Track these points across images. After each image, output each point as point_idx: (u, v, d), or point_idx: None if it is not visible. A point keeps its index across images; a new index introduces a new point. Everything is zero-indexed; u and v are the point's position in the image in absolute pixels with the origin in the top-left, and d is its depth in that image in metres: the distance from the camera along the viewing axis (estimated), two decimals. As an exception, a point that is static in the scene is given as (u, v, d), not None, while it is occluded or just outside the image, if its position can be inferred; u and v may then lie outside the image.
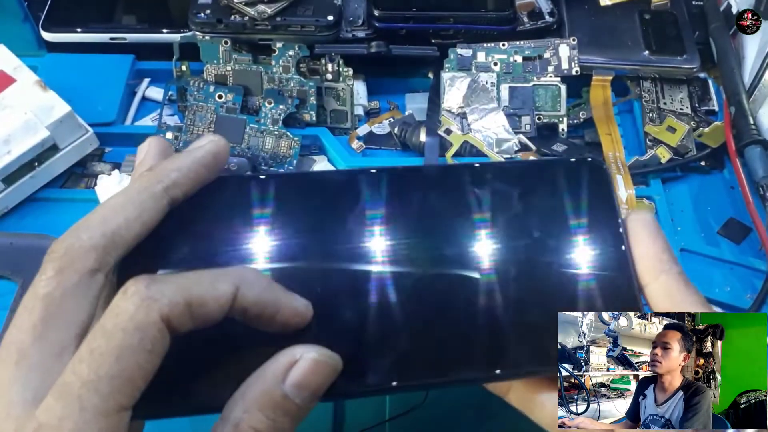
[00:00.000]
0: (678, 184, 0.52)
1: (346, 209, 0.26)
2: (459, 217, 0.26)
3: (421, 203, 0.26)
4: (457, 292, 0.25)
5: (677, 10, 0.57)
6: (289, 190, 0.26)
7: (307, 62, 0.52)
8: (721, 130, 0.51)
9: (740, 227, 0.49)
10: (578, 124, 0.54)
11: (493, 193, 0.26)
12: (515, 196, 0.27)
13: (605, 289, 0.25)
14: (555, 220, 0.26)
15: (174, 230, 0.24)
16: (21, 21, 0.54)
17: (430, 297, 0.25)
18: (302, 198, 0.26)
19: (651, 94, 0.54)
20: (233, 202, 0.25)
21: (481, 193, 0.26)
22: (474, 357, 0.24)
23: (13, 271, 0.43)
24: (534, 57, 0.54)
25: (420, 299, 0.24)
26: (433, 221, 0.26)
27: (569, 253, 0.25)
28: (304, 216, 0.25)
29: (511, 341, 0.24)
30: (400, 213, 0.26)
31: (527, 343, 0.24)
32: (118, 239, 0.22)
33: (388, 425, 0.41)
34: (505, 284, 0.25)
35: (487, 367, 0.24)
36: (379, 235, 0.25)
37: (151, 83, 0.55)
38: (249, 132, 0.50)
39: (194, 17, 0.51)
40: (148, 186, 0.24)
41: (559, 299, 0.25)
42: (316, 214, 0.26)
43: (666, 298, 0.24)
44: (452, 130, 0.50)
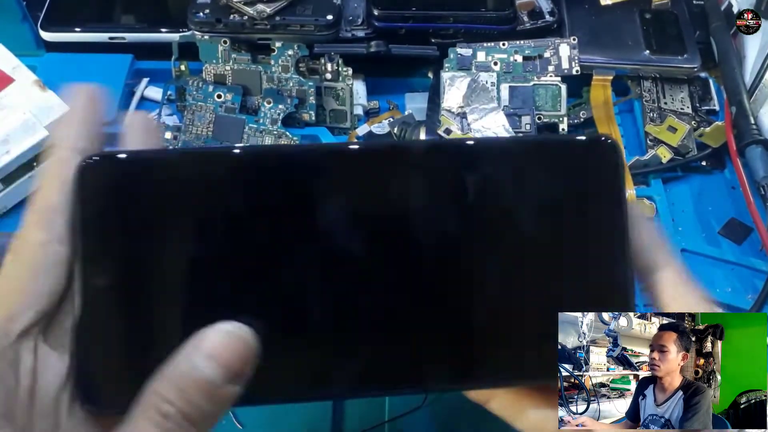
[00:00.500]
0: (679, 184, 0.51)
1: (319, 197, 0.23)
2: (447, 204, 0.23)
3: (406, 186, 0.23)
4: (442, 291, 0.23)
5: (678, 9, 0.57)
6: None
7: (307, 62, 0.52)
8: (722, 130, 0.51)
9: (741, 227, 0.49)
10: (578, 123, 0.53)
11: (483, 176, 0.24)
12: (509, 179, 0.24)
13: (602, 282, 0.24)
14: (556, 208, 0.24)
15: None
16: (20, 20, 0.53)
17: (411, 295, 0.23)
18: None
19: (651, 93, 0.54)
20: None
21: (468, 176, 0.23)
22: (456, 361, 0.23)
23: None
24: (534, 56, 0.54)
25: (401, 298, 0.23)
26: (417, 207, 0.23)
27: (567, 244, 0.24)
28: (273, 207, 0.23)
29: (498, 345, 0.23)
30: (384, 200, 0.23)
31: (518, 345, 0.23)
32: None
33: (387, 425, 0.41)
34: (493, 279, 0.23)
35: (468, 373, 0.23)
36: (364, 227, 0.23)
37: (150, 83, 0.55)
38: (248, 132, 0.50)
39: (193, 17, 0.51)
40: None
41: (558, 296, 0.23)
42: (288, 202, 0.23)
43: (671, 289, 0.24)
44: (452, 130, 0.50)
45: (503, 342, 0.23)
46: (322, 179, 0.23)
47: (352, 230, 0.23)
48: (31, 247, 0.22)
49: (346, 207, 0.23)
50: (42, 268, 0.22)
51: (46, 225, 0.22)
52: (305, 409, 0.42)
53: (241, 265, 0.23)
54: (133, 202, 0.22)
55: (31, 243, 0.22)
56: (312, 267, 0.23)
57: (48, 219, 0.22)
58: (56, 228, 0.22)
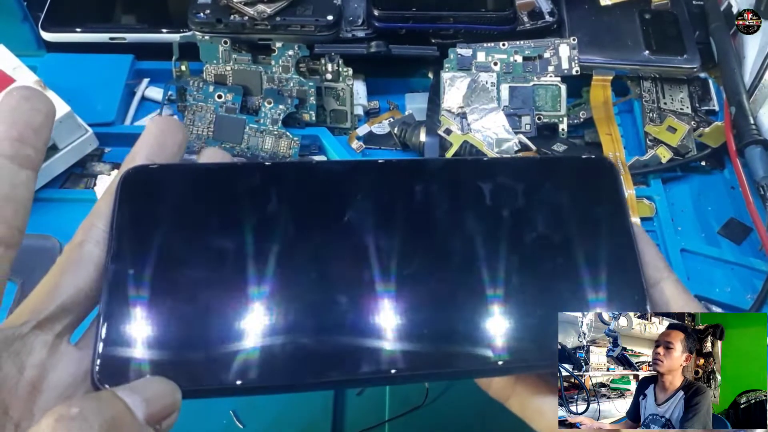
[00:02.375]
0: (678, 184, 0.51)
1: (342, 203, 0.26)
2: (461, 212, 0.26)
3: (424, 197, 0.26)
4: (459, 287, 0.25)
5: (677, 9, 0.57)
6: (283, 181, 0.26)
7: (307, 62, 0.52)
8: (722, 130, 0.51)
9: (741, 227, 0.49)
10: (578, 124, 0.54)
11: (498, 190, 0.27)
12: (519, 193, 0.27)
13: (613, 290, 0.25)
14: (562, 220, 0.26)
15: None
16: (20, 21, 0.53)
17: (429, 292, 0.25)
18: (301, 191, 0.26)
19: (651, 93, 0.54)
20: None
21: (485, 189, 0.27)
22: (471, 350, 0.24)
23: (13, 271, 0.43)
24: (534, 57, 0.54)
25: (418, 294, 0.24)
26: (435, 216, 0.26)
27: (577, 254, 0.26)
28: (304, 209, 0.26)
29: (511, 337, 0.24)
30: (403, 207, 0.26)
31: (527, 340, 0.24)
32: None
33: (387, 425, 0.41)
34: (506, 283, 0.25)
35: (483, 359, 0.24)
36: (381, 229, 0.25)
37: (150, 83, 0.55)
38: (248, 132, 0.50)
39: (194, 17, 0.51)
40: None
41: (566, 299, 0.25)
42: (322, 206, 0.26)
43: (669, 302, 0.25)
44: (452, 130, 0.50)
45: (518, 336, 0.24)
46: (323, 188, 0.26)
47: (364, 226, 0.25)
48: (68, 247, 0.24)
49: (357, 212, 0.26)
50: (72, 265, 0.23)
51: (85, 227, 0.24)
52: (305, 409, 0.42)
53: (250, 265, 0.24)
54: (163, 204, 0.25)
55: (70, 243, 0.24)
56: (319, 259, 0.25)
57: (89, 223, 0.24)
58: (94, 231, 0.24)
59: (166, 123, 0.27)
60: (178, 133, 0.27)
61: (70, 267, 0.23)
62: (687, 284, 0.45)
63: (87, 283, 0.23)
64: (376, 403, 0.42)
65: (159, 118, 0.27)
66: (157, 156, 0.26)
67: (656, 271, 0.26)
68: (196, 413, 0.39)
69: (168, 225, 0.25)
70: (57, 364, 0.22)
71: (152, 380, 0.21)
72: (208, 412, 0.41)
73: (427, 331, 0.24)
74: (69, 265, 0.23)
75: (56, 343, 0.22)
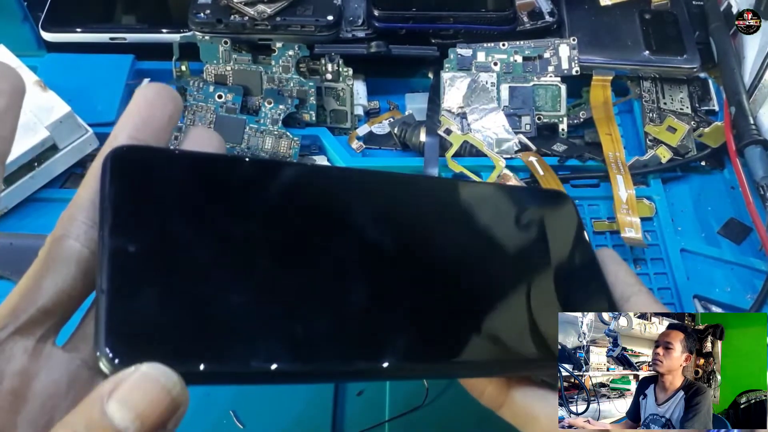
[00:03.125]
0: (678, 184, 0.51)
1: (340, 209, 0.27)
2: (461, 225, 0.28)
3: (401, 211, 0.28)
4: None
5: (677, 9, 0.57)
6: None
7: (307, 62, 0.52)
8: (722, 130, 0.51)
9: (740, 227, 0.49)
10: (578, 124, 0.54)
11: (466, 213, 0.29)
12: (483, 219, 0.29)
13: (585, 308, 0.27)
14: (530, 250, 0.29)
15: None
16: (20, 21, 0.53)
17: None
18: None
19: (651, 94, 0.54)
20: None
21: (455, 209, 0.29)
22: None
23: (13, 271, 0.43)
24: (534, 57, 0.54)
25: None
26: (406, 231, 0.27)
27: (549, 284, 0.28)
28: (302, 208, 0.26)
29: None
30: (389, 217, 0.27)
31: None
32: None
33: (387, 425, 0.41)
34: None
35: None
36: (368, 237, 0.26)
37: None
38: (249, 132, 0.50)
39: (194, 17, 0.51)
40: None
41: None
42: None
43: (645, 309, 0.26)
44: (452, 130, 0.50)
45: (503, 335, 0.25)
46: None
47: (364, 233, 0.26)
48: (48, 239, 0.21)
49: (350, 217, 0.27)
50: (50, 263, 0.21)
51: (65, 220, 0.22)
52: (305, 409, 0.42)
53: (244, 249, 0.24)
54: (153, 186, 0.23)
55: (50, 236, 0.21)
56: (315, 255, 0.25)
57: (69, 215, 0.22)
58: (75, 224, 0.22)
59: (155, 93, 0.24)
60: (168, 103, 0.24)
61: (50, 265, 0.21)
62: (687, 284, 0.45)
63: (69, 283, 0.21)
64: (376, 403, 0.42)
65: (147, 87, 0.24)
66: (142, 132, 0.23)
67: (628, 286, 0.28)
68: (196, 413, 0.39)
69: (166, 203, 0.23)
70: (40, 371, 0.20)
71: (143, 381, 0.18)
72: (208, 412, 0.41)
73: (425, 327, 0.24)
74: (49, 263, 0.21)
75: (38, 347, 0.20)
